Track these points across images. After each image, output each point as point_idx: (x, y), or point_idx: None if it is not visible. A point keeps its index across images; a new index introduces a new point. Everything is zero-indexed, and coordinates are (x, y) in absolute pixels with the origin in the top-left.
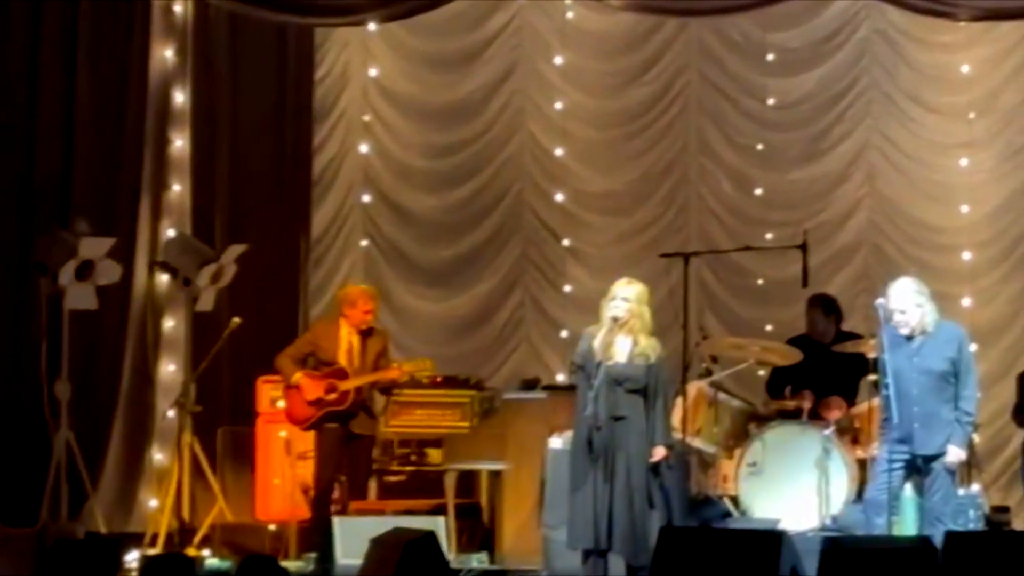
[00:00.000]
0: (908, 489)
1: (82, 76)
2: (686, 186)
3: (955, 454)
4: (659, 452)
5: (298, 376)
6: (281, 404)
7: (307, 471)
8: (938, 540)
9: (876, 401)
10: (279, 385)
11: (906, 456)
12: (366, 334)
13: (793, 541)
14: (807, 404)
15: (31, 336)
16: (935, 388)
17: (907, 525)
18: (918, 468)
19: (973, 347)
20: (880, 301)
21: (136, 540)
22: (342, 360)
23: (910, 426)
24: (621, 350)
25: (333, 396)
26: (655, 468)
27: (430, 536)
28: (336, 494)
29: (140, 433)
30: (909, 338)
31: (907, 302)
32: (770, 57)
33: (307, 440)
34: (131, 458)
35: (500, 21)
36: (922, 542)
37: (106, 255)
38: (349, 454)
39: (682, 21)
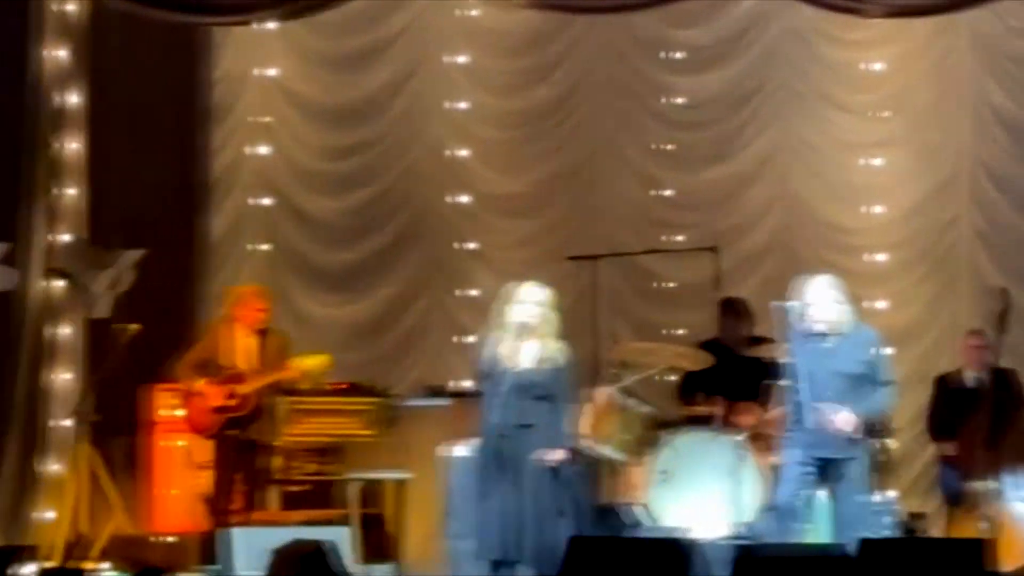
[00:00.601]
0: (821, 495)
1: None
2: (594, 187)
3: (845, 417)
4: (557, 454)
5: (200, 383)
6: (180, 412)
7: (207, 481)
8: (852, 546)
9: None
10: (177, 393)
11: (819, 461)
12: (263, 335)
13: (704, 550)
14: (719, 410)
15: None
16: (849, 391)
17: (820, 532)
18: (829, 473)
19: (889, 351)
20: (788, 303)
21: (32, 553)
22: (240, 363)
23: (823, 430)
24: (528, 356)
25: (234, 401)
26: (557, 473)
27: (331, 547)
28: (237, 504)
29: (35, 443)
30: (823, 339)
31: (826, 298)
32: (679, 55)
33: (207, 449)
34: (26, 469)
35: (402, 19)
36: (835, 549)
37: (1, 261)
38: (249, 462)
39: (589, 19)
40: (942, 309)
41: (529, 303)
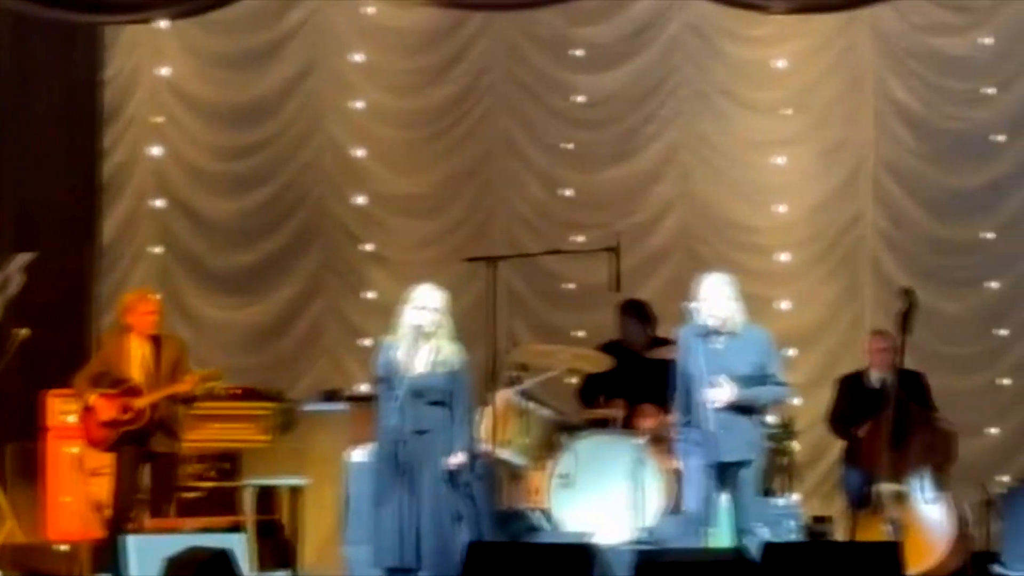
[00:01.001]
0: (724, 499)
1: None
2: (493, 187)
3: (724, 389)
4: (456, 459)
5: (92, 397)
6: (73, 419)
7: (100, 488)
8: (754, 550)
9: None
10: (69, 399)
11: (715, 463)
12: (158, 343)
13: (606, 555)
14: (620, 413)
15: None
16: (749, 388)
17: (724, 536)
18: (726, 476)
19: (792, 352)
20: (692, 304)
21: None
22: (136, 374)
23: (714, 431)
24: (423, 360)
25: (128, 415)
26: (455, 477)
27: (225, 554)
28: (134, 513)
29: None
30: (714, 339)
31: (719, 295)
32: (579, 53)
33: (100, 456)
34: None
35: (297, 18)
36: (737, 553)
37: None
38: (150, 473)
39: (487, 16)
40: (846, 309)
41: (424, 306)
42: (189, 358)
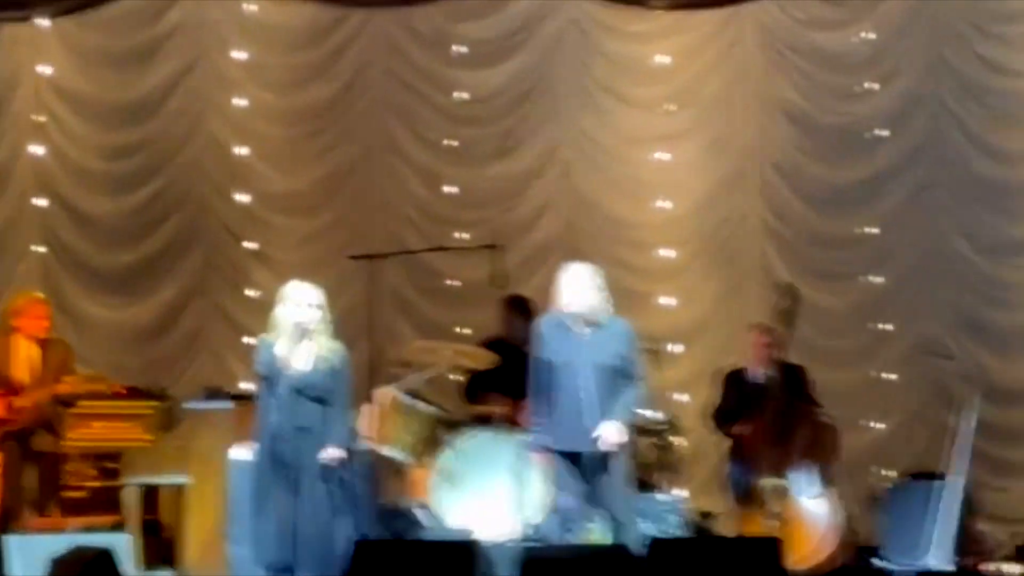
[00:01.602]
0: (599, 493)
1: None
2: (374, 185)
3: (613, 432)
4: (331, 453)
5: None
6: None
7: None
8: (633, 543)
9: None
10: None
11: (578, 455)
12: (44, 345)
13: (489, 551)
14: (504, 409)
15: None
16: (606, 383)
17: (605, 531)
18: (588, 468)
19: (676, 348)
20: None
21: None
22: (22, 375)
23: (583, 423)
24: (303, 357)
25: (10, 415)
26: (331, 473)
27: (109, 554)
28: (18, 512)
29: None
30: (579, 328)
31: (582, 285)
32: (460, 50)
33: None
34: None
35: (178, 15)
36: (619, 549)
37: None
38: (32, 473)
39: (367, 13)
40: (730, 305)
41: (302, 303)
42: (75, 360)
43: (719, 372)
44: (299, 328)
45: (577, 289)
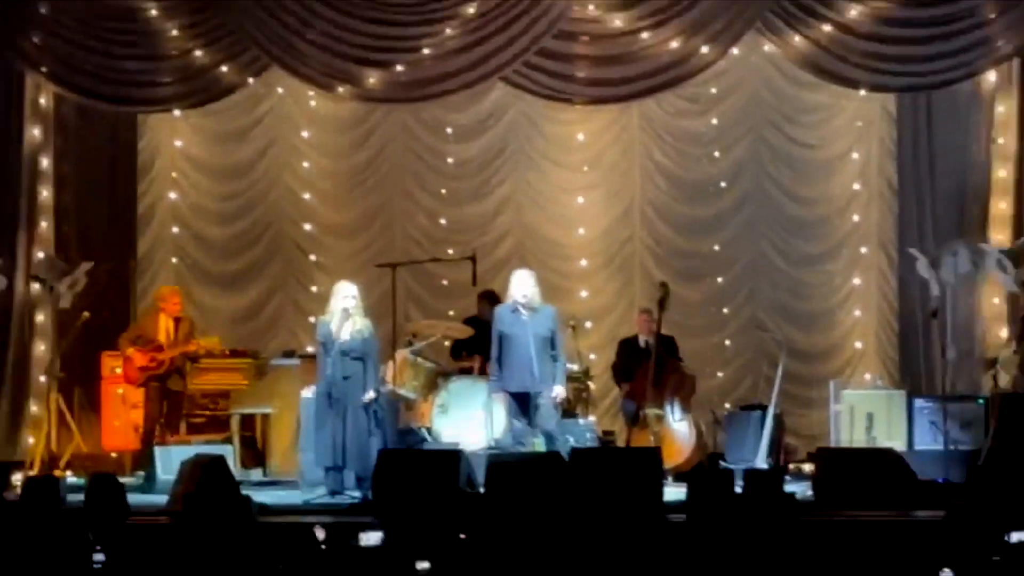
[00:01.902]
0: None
1: None
2: (394, 219)
3: (560, 391)
4: (369, 395)
5: (130, 351)
6: (119, 370)
7: (138, 416)
8: (564, 453)
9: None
10: (117, 357)
11: (525, 395)
12: (178, 320)
13: (468, 457)
14: (477, 364)
15: None
16: (542, 347)
17: (542, 443)
18: (529, 403)
19: (588, 323)
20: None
21: (19, 466)
22: (162, 339)
23: (527, 373)
24: (347, 331)
25: (154, 364)
26: (368, 407)
27: (221, 458)
28: (158, 432)
29: (20, 391)
30: (522, 312)
31: (528, 283)
32: (449, 130)
33: (135, 393)
34: (15, 410)
35: (265, 107)
36: (554, 456)
37: None
38: (167, 404)
39: (389, 107)
40: (623, 296)
41: (346, 296)
42: (196, 331)
43: (618, 340)
44: (344, 312)
45: (522, 287)
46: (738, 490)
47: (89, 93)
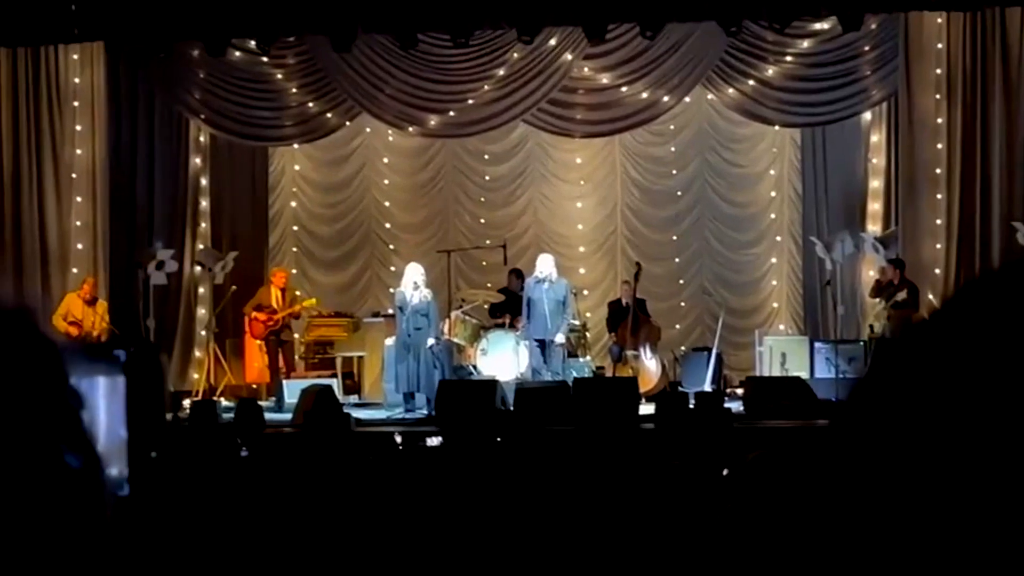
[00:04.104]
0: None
1: (157, 168)
2: (448, 219)
3: (560, 338)
4: (431, 342)
5: (254, 314)
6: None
7: (266, 359)
8: (567, 380)
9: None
10: (248, 318)
11: (543, 341)
12: (284, 290)
13: (502, 386)
14: (507, 320)
15: (133, 299)
16: (556, 308)
17: (553, 375)
18: (545, 348)
19: (585, 291)
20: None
21: (188, 394)
22: (274, 304)
23: (544, 325)
24: (416, 297)
25: (270, 323)
26: (432, 349)
27: (329, 387)
28: (283, 370)
29: (189, 342)
30: (545, 284)
31: (549, 264)
32: (486, 156)
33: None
34: (185, 354)
35: (358, 141)
36: (562, 384)
37: (170, 258)
38: (282, 350)
39: (444, 140)
40: (609, 271)
41: (415, 273)
42: (298, 297)
43: (607, 302)
44: (414, 284)
45: (544, 266)
46: (691, 406)
47: (234, 133)
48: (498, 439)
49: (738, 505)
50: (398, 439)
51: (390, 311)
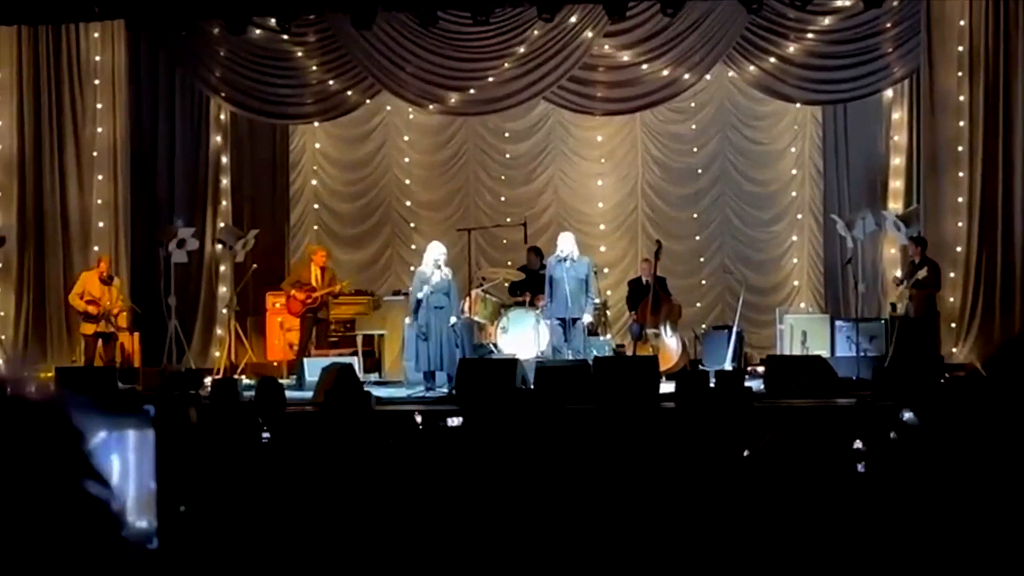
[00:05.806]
0: (571, 337)
1: (178, 147)
2: (468, 197)
3: (588, 319)
4: (453, 321)
5: (292, 291)
6: (279, 305)
7: (292, 337)
8: (588, 359)
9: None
10: (279, 296)
11: (564, 320)
12: (323, 270)
13: (523, 364)
14: (527, 298)
15: (155, 276)
16: (578, 287)
17: (574, 354)
18: (568, 327)
19: (606, 269)
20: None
21: (209, 372)
22: (314, 283)
23: (566, 304)
24: (437, 275)
25: (309, 300)
26: (453, 328)
27: (350, 365)
28: (309, 348)
29: (210, 320)
30: (566, 262)
31: (570, 242)
32: (507, 134)
33: (292, 322)
34: (206, 332)
35: (378, 119)
36: (582, 362)
37: (191, 236)
38: (316, 329)
39: (465, 118)
40: (630, 249)
41: (436, 252)
42: (336, 277)
43: (627, 281)
44: (435, 263)
45: (565, 245)
46: (712, 385)
47: (254, 111)
48: (518, 418)
49: (753, 487)
50: (418, 418)
51: (411, 289)
